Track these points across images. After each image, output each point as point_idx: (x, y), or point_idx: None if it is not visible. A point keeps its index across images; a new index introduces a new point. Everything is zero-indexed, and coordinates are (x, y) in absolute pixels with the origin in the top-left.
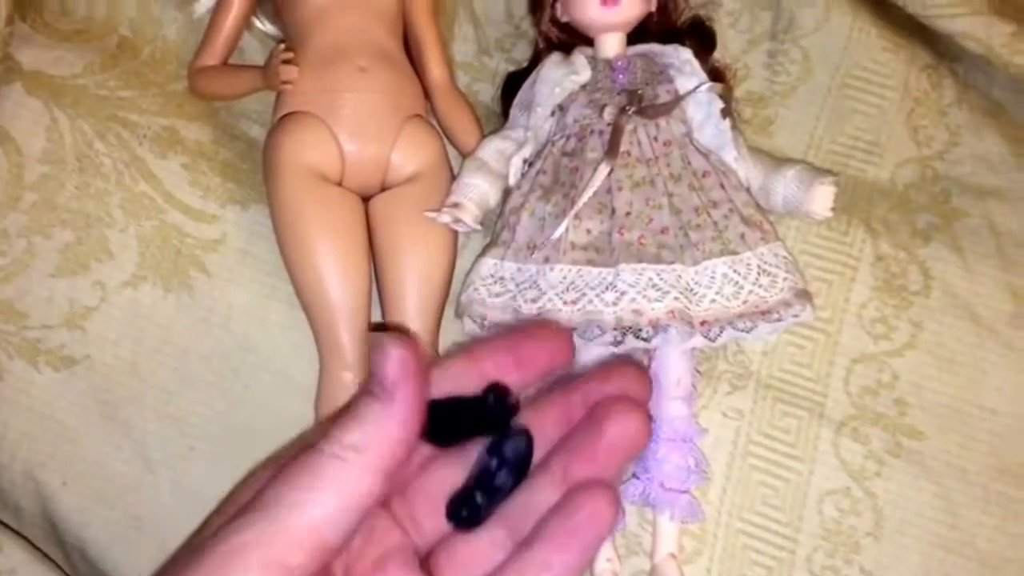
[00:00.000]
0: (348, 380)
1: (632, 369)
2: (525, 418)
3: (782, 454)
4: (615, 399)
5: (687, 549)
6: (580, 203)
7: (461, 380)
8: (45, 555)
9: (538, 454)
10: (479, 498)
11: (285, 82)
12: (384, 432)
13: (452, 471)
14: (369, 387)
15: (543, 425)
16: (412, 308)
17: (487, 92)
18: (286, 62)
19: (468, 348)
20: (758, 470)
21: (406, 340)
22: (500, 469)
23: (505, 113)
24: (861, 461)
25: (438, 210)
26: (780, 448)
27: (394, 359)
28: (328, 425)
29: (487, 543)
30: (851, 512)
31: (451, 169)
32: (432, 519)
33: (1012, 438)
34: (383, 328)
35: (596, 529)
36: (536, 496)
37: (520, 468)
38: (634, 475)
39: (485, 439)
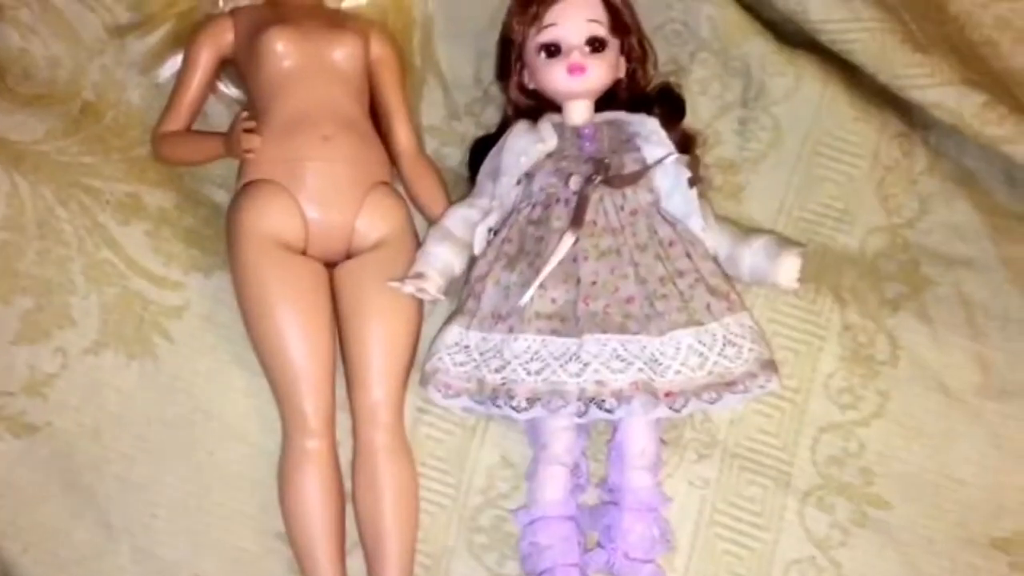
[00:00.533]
0: (311, 448)
1: None
2: None
3: (748, 523)
4: None
5: None
6: (545, 272)
7: None
8: None
9: None
10: None
11: (247, 151)
12: None
13: None
14: None
15: None
16: (376, 376)
17: (456, 156)
18: (248, 131)
19: None
20: (723, 539)
21: None
22: None
23: (473, 178)
24: (826, 530)
25: (402, 280)
26: (746, 517)
27: None
28: None
29: None
30: None
31: (416, 236)
32: None
33: (979, 508)
34: None
35: None
36: None
37: None
38: (599, 544)
39: None
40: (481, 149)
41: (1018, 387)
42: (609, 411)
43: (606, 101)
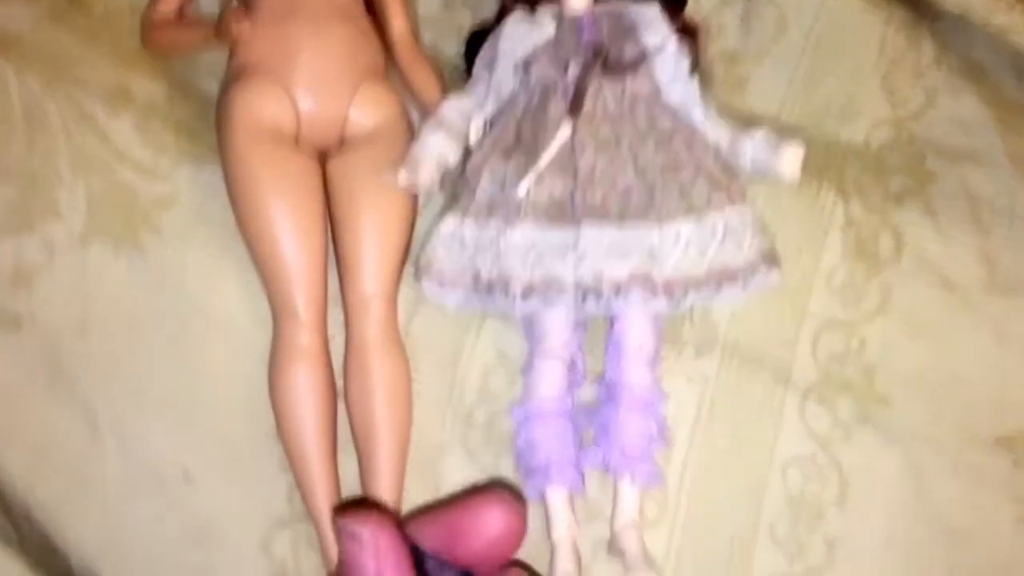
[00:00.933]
0: (302, 341)
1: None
2: None
3: (747, 420)
4: None
5: (649, 515)
6: (542, 162)
7: None
8: None
9: None
10: None
11: (237, 38)
12: None
13: None
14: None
15: None
16: (369, 269)
17: (451, 48)
18: (238, 18)
19: None
20: (722, 436)
21: (374, 517)
22: None
23: (469, 70)
24: (827, 428)
25: (396, 171)
26: (745, 414)
27: (368, 544)
28: None
29: None
30: (816, 479)
31: (411, 127)
32: None
33: (983, 406)
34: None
35: None
36: None
37: None
38: (595, 440)
39: None
40: (477, 40)
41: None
42: (607, 303)
43: None
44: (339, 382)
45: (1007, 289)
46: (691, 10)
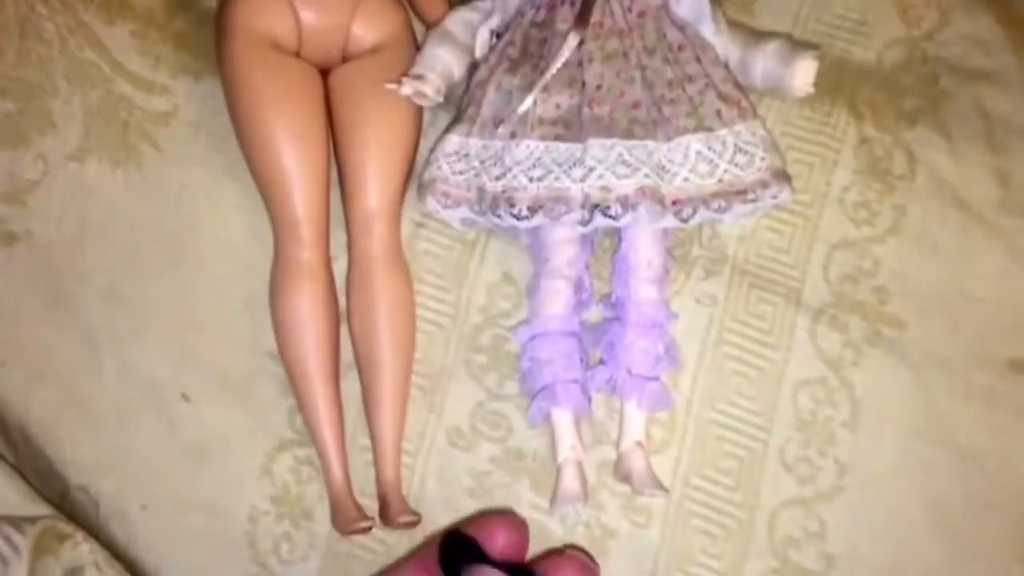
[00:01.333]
0: (304, 258)
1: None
2: None
3: (757, 342)
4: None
5: (655, 439)
6: (548, 75)
7: None
8: None
9: None
10: None
11: None
12: None
13: None
14: None
15: None
16: (372, 185)
17: None
18: None
19: None
20: (731, 358)
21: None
22: None
23: None
24: (839, 350)
25: (399, 81)
26: (755, 336)
27: None
28: None
29: None
30: (827, 402)
31: (415, 41)
32: None
33: (996, 328)
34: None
35: None
36: None
37: None
38: (601, 361)
39: None
40: None
41: None
42: (614, 218)
43: None
44: (342, 304)
45: (1022, 208)
46: None
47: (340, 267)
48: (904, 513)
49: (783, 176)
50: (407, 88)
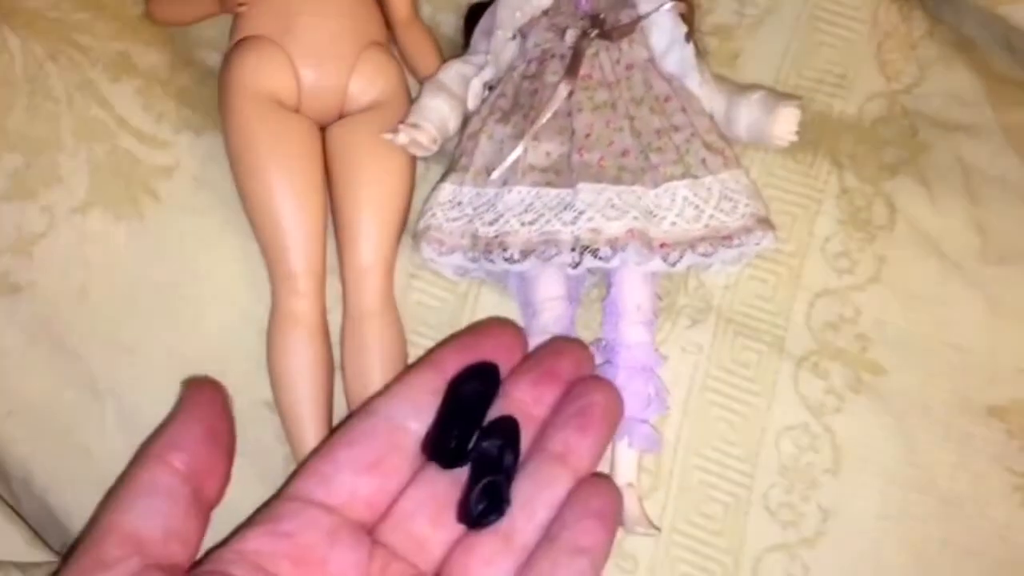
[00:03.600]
0: (299, 309)
1: (576, 343)
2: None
3: (741, 389)
4: (592, 377)
5: (643, 485)
6: (540, 123)
7: (429, 388)
8: None
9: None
10: (497, 484)
11: (241, 3)
12: None
13: (432, 484)
14: None
15: (519, 407)
16: (367, 238)
17: (451, 23)
18: None
19: (428, 356)
20: (716, 405)
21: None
22: (503, 451)
23: (467, 43)
24: (821, 396)
25: (396, 130)
26: (739, 383)
27: None
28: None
29: (498, 545)
30: (809, 448)
31: (410, 98)
32: (436, 533)
33: (975, 375)
34: None
35: (613, 512)
36: (545, 477)
37: (517, 445)
38: None
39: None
40: (475, 15)
41: (1016, 252)
42: (603, 260)
43: None
44: (336, 356)
45: (1000, 258)
46: None
47: (336, 319)
48: (886, 558)
49: (767, 223)
50: (403, 136)
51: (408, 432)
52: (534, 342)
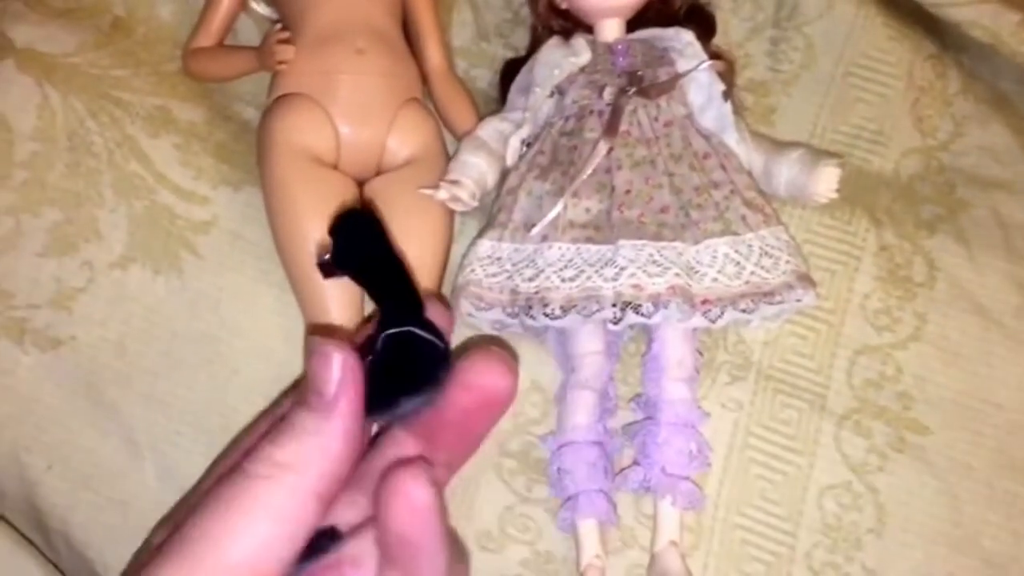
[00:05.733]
0: None
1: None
2: None
3: (782, 447)
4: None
5: (684, 543)
6: (580, 179)
7: None
8: (28, 541)
9: None
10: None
11: (281, 62)
12: (322, 447)
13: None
14: (305, 397)
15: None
16: None
17: (485, 78)
18: (282, 42)
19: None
20: (757, 463)
21: (344, 343)
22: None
23: (503, 99)
24: (863, 455)
25: (436, 186)
26: (780, 441)
27: (337, 365)
28: (257, 443)
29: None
30: (852, 507)
31: (447, 154)
32: None
33: (1018, 434)
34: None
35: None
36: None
37: None
38: (635, 462)
39: None
40: (511, 71)
41: None
42: (646, 316)
43: (635, 23)
44: None
45: None
46: (720, 40)
47: None
48: None
49: (807, 280)
50: (443, 193)
51: None
52: (574, 397)
